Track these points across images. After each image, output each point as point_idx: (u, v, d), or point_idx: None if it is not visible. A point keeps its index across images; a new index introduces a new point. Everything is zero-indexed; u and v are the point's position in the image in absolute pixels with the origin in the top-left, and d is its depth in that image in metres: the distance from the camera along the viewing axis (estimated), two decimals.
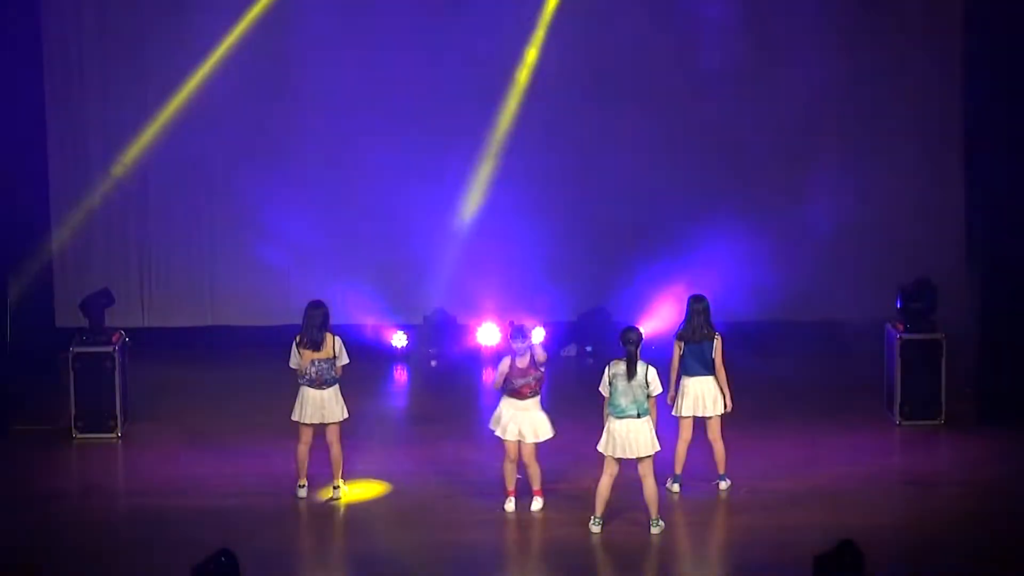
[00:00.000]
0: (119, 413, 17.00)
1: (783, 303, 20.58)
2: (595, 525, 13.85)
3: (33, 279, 19.39)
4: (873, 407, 17.65)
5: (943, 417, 17.16)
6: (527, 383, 14.19)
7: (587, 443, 14.06)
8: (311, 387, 14.72)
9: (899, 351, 17.14)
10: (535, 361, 14.21)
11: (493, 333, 20.33)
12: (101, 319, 17.33)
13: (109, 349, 17.05)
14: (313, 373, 14.68)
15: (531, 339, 14.43)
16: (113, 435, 16.96)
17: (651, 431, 13.73)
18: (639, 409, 13.65)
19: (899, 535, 13.59)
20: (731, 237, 20.46)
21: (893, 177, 20.93)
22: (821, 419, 17.41)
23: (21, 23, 19.23)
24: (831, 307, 20.62)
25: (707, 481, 15.01)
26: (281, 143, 20.93)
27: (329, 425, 14.77)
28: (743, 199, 20.83)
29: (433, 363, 20.57)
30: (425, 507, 14.60)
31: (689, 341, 14.89)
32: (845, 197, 20.78)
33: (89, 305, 17.40)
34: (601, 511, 13.85)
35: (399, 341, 20.77)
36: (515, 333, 14.25)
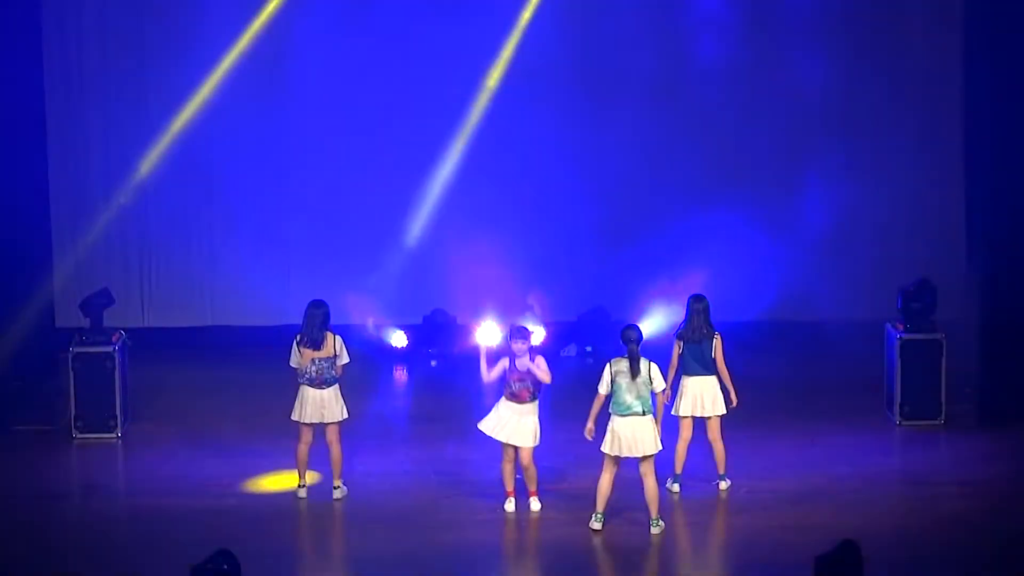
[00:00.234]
0: (119, 413, 16.99)
1: (783, 303, 20.58)
2: (596, 522, 13.85)
3: (33, 279, 19.38)
4: (873, 407, 17.65)
5: (943, 417, 17.15)
6: (526, 387, 14.16)
7: (587, 443, 14.04)
8: (311, 386, 14.72)
9: (899, 351, 17.13)
10: (533, 363, 14.17)
11: (493, 333, 20.32)
12: (101, 319, 17.33)
13: (109, 349, 17.04)
14: (313, 372, 14.68)
15: (530, 342, 14.39)
16: (113, 435, 16.96)
17: (655, 429, 13.74)
18: (644, 406, 13.68)
19: (899, 535, 13.59)
20: (731, 237, 20.47)
21: (893, 177, 20.94)
22: (821, 419, 17.41)
23: (21, 23, 19.23)
24: (831, 307, 20.62)
25: (707, 481, 15.00)
26: (281, 143, 20.93)
27: (329, 425, 14.77)
28: (743, 199, 20.82)
29: (433, 363, 20.58)
30: (425, 507, 14.59)
31: (689, 341, 14.89)
32: (845, 197, 20.77)
33: (89, 305, 17.39)
34: (602, 507, 13.84)
35: (399, 341, 20.78)
36: (514, 333, 14.21)
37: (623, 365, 13.72)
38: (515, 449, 14.24)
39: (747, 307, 20.22)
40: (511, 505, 14.36)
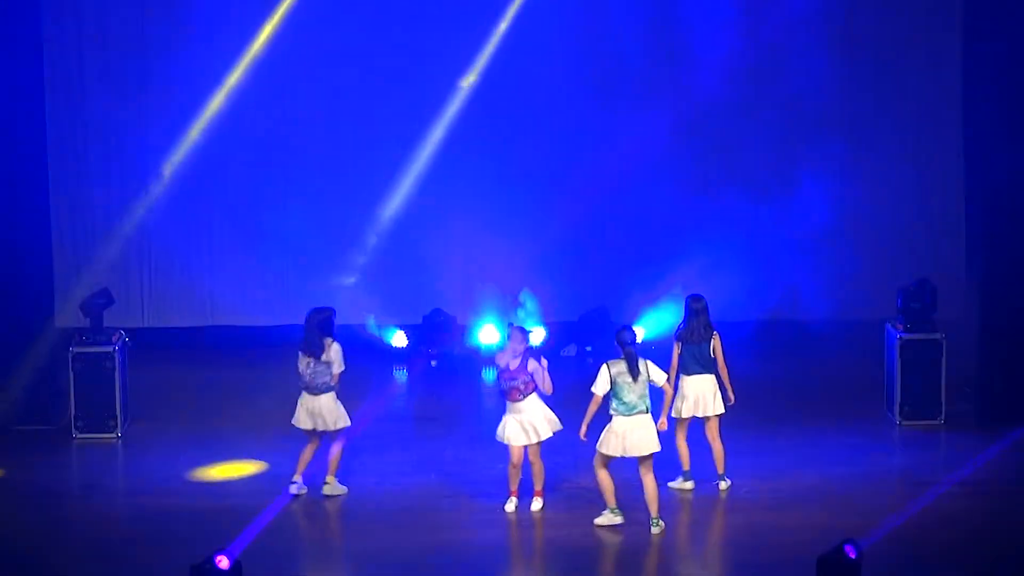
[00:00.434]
0: (119, 413, 17.00)
1: (783, 303, 20.59)
2: (617, 515, 13.85)
3: (33, 279, 19.36)
4: (873, 407, 17.65)
5: (943, 417, 17.15)
6: (515, 386, 14.16)
7: (587, 443, 14.04)
8: (307, 391, 14.77)
9: (899, 351, 17.13)
10: (525, 366, 14.18)
11: (493, 333, 20.32)
12: (101, 319, 17.33)
13: (109, 349, 17.04)
14: (308, 377, 14.72)
15: (528, 342, 14.39)
16: (113, 435, 16.96)
17: (654, 429, 13.76)
18: (646, 404, 13.70)
19: (899, 535, 13.58)
20: (731, 237, 20.48)
21: (893, 177, 20.94)
22: (821, 419, 17.41)
23: (21, 24, 19.21)
24: (831, 307, 20.61)
25: (707, 481, 15.00)
26: (281, 143, 20.92)
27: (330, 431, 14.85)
28: (743, 199, 20.82)
29: (433, 363, 20.57)
30: (425, 507, 14.59)
31: (688, 341, 14.89)
32: (845, 197, 20.78)
33: (89, 305, 17.39)
34: (614, 501, 13.84)
35: (399, 341, 20.78)
36: (513, 333, 14.24)
37: (622, 367, 13.71)
38: (523, 453, 14.24)
39: (747, 307, 20.22)
40: (511, 505, 14.36)
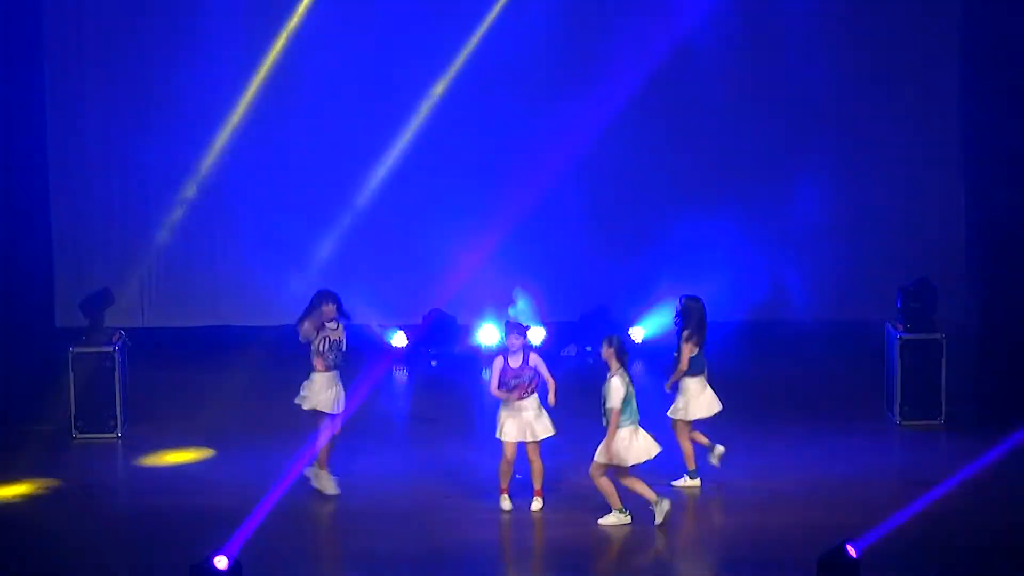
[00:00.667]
0: (119, 413, 17.00)
1: (784, 303, 20.59)
2: (625, 515, 13.88)
3: (33, 279, 19.38)
4: (873, 407, 17.65)
5: (943, 417, 17.15)
6: (520, 383, 14.15)
7: (587, 443, 14.05)
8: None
9: (899, 351, 17.13)
10: (528, 361, 14.17)
11: (493, 333, 20.33)
12: (101, 319, 17.33)
13: (109, 349, 17.04)
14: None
15: (526, 338, 14.38)
16: (113, 435, 16.96)
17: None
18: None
19: (899, 535, 13.58)
20: (731, 238, 20.49)
21: (893, 178, 20.95)
22: (821, 419, 17.41)
23: (21, 24, 19.23)
24: (831, 307, 20.62)
25: (708, 481, 15.02)
26: (281, 143, 20.94)
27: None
28: (743, 200, 20.84)
29: (433, 363, 20.58)
30: (425, 507, 14.58)
31: (701, 343, 14.89)
32: (845, 198, 20.81)
33: (89, 305, 17.39)
34: (619, 501, 13.87)
35: (399, 341, 20.78)
36: (509, 329, 14.21)
37: (627, 377, 13.72)
38: (516, 449, 14.24)
39: (747, 307, 20.22)
40: (507, 503, 14.36)
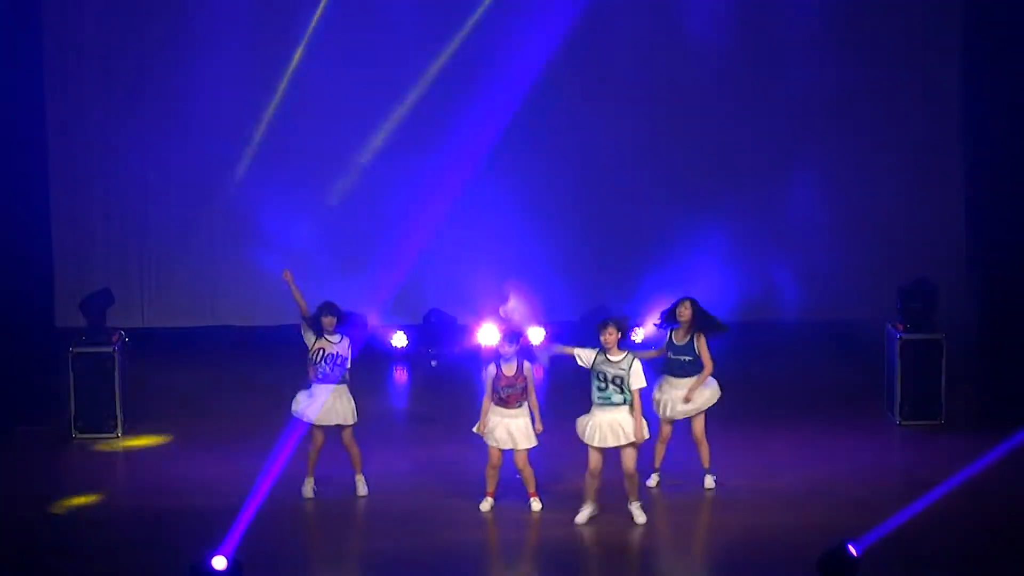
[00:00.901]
0: (119, 413, 17.00)
1: (783, 303, 20.58)
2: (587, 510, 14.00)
3: (33, 279, 19.38)
4: (873, 407, 17.65)
5: (943, 417, 17.15)
6: (514, 392, 14.14)
7: (584, 444, 14.03)
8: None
9: (899, 351, 17.12)
10: (522, 370, 14.16)
11: (493, 333, 20.32)
12: (101, 319, 17.33)
13: (109, 349, 17.05)
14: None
15: (520, 346, 14.35)
16: (113, 435, 16.97)
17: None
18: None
19: (899, 535, 13.57)
20: (731, 237, 20.48)
21: (893, 177, 20.94)
22: (821, 419, 17.41)
23: (21, 24, 19.24)
24: (831, 307, 20.62)
25: (708, 479, 15.03)
26: (280, 144, 20.94)
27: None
28: (743, 200, 20.85)
29: (433, 363, 20.57)
30: (425, 507, 14.58)
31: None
32: (845, 197, 20.80)
33: (89, 305, 17.40)
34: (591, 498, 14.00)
35: (399, 341, 20.78)
36: (503, 337, 14.20)
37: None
38: (501, 455, 14.23)
39: (747, 306, 20.20)
40: (487, 505, 14.33)
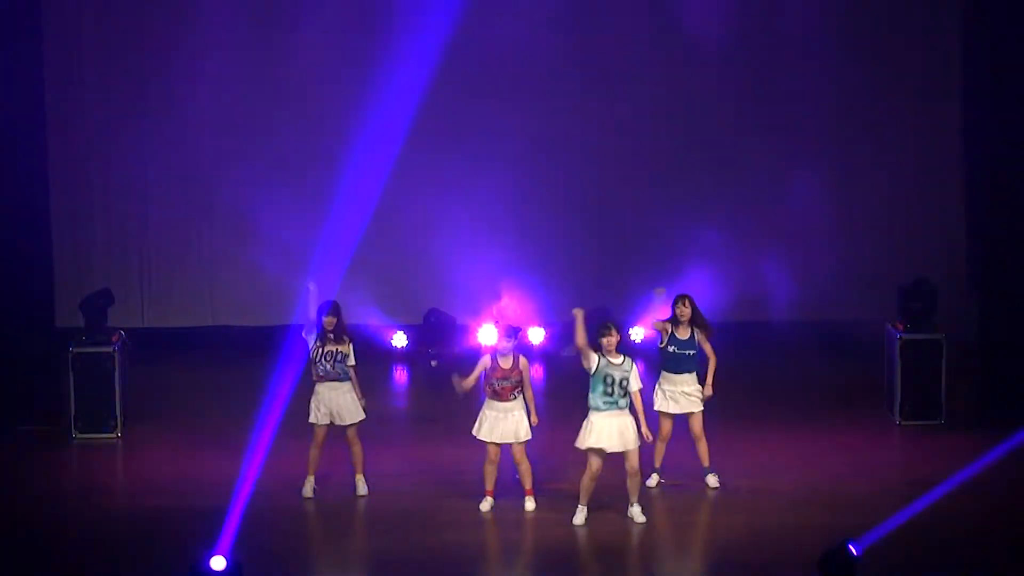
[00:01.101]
0: (119, 413, 17.01)
1: (783, 303, 20.58)
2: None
3: (33, 279, 19.37)
4: (873, 407, 17.65)
5: (943, 417, 17.16)
6: (508, 385, 14.16)
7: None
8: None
9: (899, 351, 17.13)
10: (518, 364, 14.18)
11: (492, 333, 20.31)
12: (101, 319, 17.33)
13: (109, 349, 17.05)
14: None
15: (517, 339, 14.40)
16: (113, 435, 16.97)
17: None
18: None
19: (899, 535, 13.57)
20: (731, 238, 20.49)
21: (893, 177, 20.95)
22: (821, 419, 17.41)
23: (21, 23, 19.23)
24: (831, 307, 20.62)
25: (706, 480, 15.03)
26: (280, 143, 20.94)
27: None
28: (743, 200, 20.85)
29: (433, 363, 20.58)
30: (424, 507, 14.58)
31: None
32: (845, 198, 20.81)
33: (89, 305, 17.40)
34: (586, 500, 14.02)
35: (399, 341, 20.78)
36: (509, 333, 14.24)
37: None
38: (500, 451, 14.24)
39: (748, 307, 20.21)
40: (487, 505, 14.34)
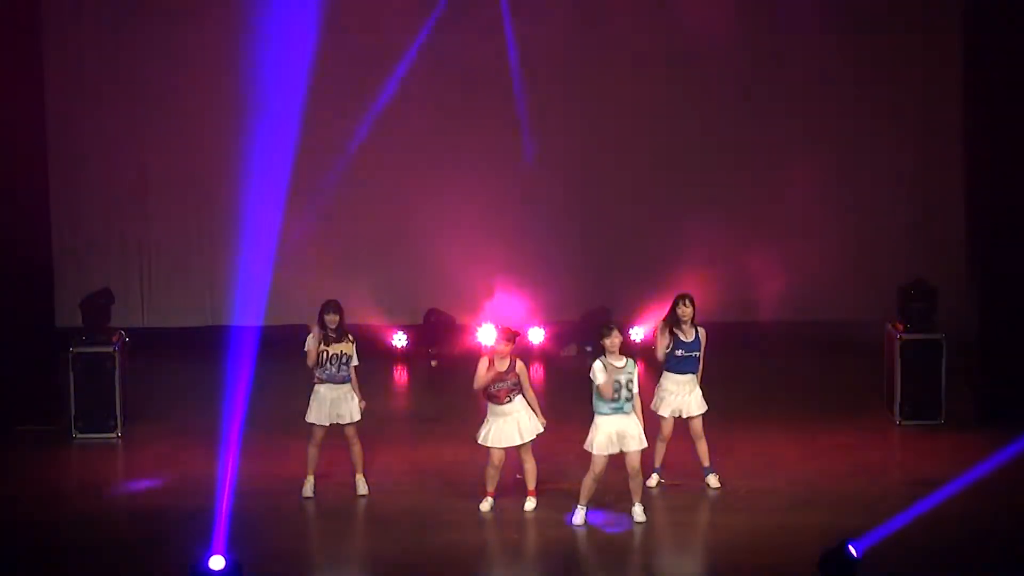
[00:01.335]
0: (119, 413, 17.01)
1: (783, 303, 20.60)
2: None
3: (33, 279, 19.35)
4: (873, 407, 17.66)
5: (943, 417, 17.16)
6: (504, 387, 14.15)
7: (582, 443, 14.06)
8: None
9: (899, 351, 17.13)
10: (514, 366, 14.17)
11: (492, 333, 20.32)
12: (101, 319, 17.33)
13: (109, 349, 17.06)
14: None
15: (515, 343, 14.38)
16: (113, 435, 16.97)
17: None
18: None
19: (899, 535, 13.58)
20: (732, 237, 20.50)
21: (893, 177, 20.96)
22: (821, 419, 17.41)
23: (21, 23, 19.22)
24: (831, 307, 20.62)
25: (701, 479, 15.04)
26: (280, 143, 20.92)
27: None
28: (743, 200, 20.85)
29: (433, 363, 20.58)
30: (424, 507, 14.59)
31: None
32: (845, 197, 20.81)
33: (89, 305, 17.40)
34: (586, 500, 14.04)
35: (399, 341, 20.78)
36: (500, 334, 14.22)
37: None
38: (504, 455, 14.23)
39: (747, 307, 20.23)
40: (487, 505, 14.34)
